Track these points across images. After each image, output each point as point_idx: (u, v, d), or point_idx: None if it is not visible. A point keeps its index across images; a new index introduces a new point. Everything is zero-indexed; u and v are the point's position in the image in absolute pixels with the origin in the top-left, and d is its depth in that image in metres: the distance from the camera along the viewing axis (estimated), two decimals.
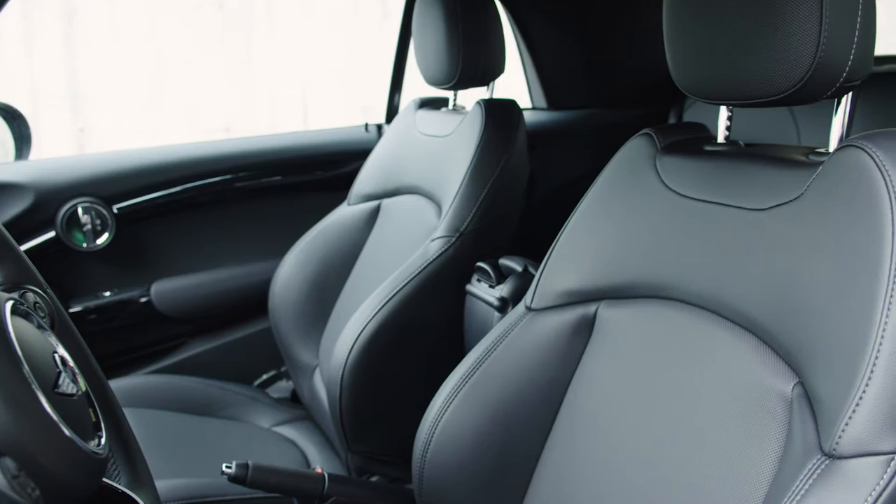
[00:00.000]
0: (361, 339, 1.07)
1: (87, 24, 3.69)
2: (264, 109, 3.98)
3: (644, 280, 0.81)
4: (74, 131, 3.80)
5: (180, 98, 3.75)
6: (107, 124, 3.73)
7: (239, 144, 1.59)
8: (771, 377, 0.66)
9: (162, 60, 3.75)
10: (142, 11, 3.74)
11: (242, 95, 3.90)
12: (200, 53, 3.80)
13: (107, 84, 3.72)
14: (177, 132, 3.55)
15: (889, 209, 0.58)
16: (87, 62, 3.70)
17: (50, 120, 3.68)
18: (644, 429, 0.76)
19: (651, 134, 0.86)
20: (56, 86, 3.70)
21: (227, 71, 3.87)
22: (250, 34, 3.97)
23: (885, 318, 0.56)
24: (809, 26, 0.63)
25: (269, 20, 4.03)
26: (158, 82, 3.74)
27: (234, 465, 0.89)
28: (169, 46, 3.74)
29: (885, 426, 0.54)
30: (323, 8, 4.00)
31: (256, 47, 3.96)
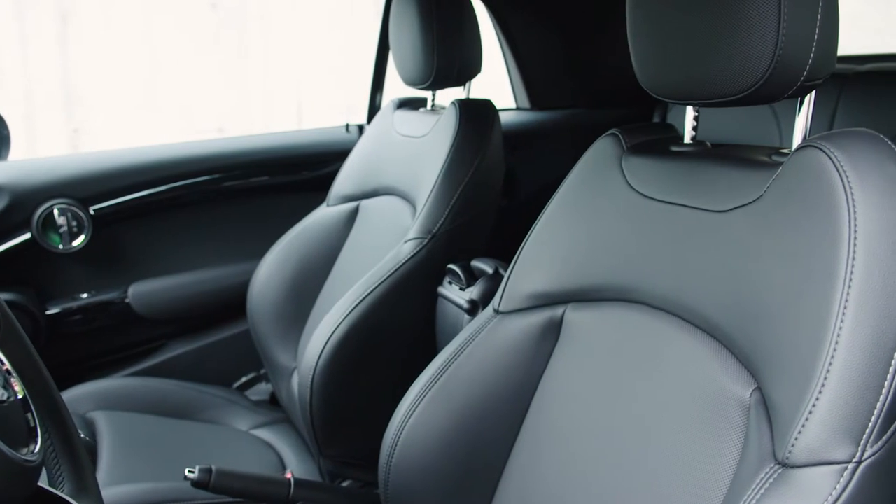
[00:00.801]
0: (332, 342, 1.05)
1: (81, 25, 3.69)
2: (259, 110, 3.97)
3: (610, 283, 0.80)
4: (69, 132, 3.79)
5: (175, 98, 3.75)
6: (101, 125, 3.73)
7: (218, 145, 1.58)
8: (730, 383, 0.65)
9: (156, 61, 3.75)
10: (136, 12, 3.74)
11: (237, 96, 3.90)
12: (195, 54, 3.80)
13: (101, 85, 3.72)
14: (171, 132, 3.55)
15: (846, 212, 0.57)
16: (82, 63, 3.70)
17: (44, 120, 3.68)
18: (606, 434, 0.75)
19: (617, 134, 0.85)
20: (50, 86, 3.70)
21: (222, 71, 3.87)
22: (244, 34, 3.97)
23: (839, 323, 0.54)
24: (768, 25, 0.61)
25: (264, 20, 4.03)
26: (153, 83, 3.74)
27: (198, 469, 0.88)
28: (163, 47, 3.74)
29: (838, 435, 0.52)
30: (318, 7, 4.00)
31: (251, 47, 3.96)
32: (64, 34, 3.68)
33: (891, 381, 0.53)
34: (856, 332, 0.54)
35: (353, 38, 3.80)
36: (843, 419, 0.53)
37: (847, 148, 0.60)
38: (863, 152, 0.60)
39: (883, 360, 0.53)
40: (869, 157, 0.59)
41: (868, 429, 0.52)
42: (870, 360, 0.53)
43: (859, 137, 0.62)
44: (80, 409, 1.31)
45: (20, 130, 3.68)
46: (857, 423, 0.52)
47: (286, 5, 4.00)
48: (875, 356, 0.53)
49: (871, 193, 0.57)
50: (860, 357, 0.53)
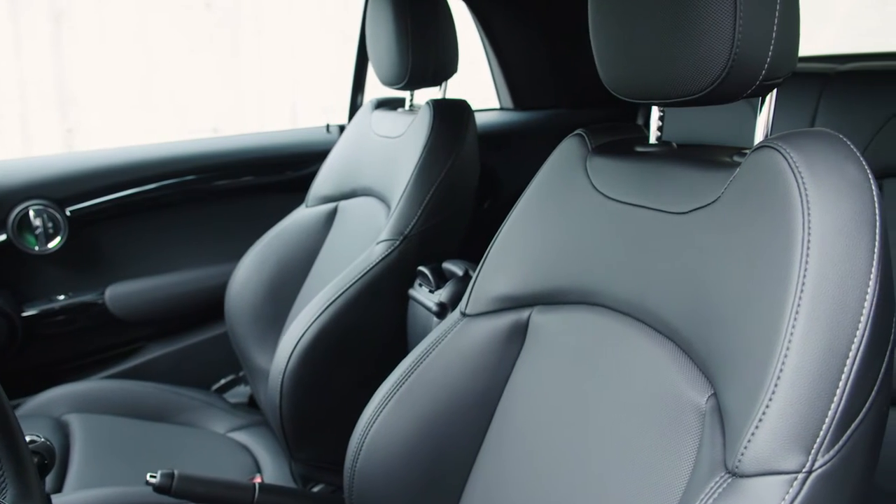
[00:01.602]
0: (301, 344, 1.04)
1: (75, 25, 3.68)
2: (253, 110, 3.97)
3: (574, 286, 0.79)
4: (62, 132, 3.79)
5: (169, 98, 3.74)
6: (95, 125, 3.72)
7: (196, 146, 1.57)
8: (688, 388, 0.64)
9: (151, 61, 3.75)
10: (130, 12, 3.73)
11: (231, 96, 3.89)
12: (189, 54, 3.79)
13: (95, 85, 3.71)
14: (166, 133, 3.54)
15: (800, 213, 0.56)
16: (76, 63, 3.69)
17: (38, 121, 3.68)
18: (567, 440, 0.73)
19: (583, 135, 0.83)
20: (44, 87, 3.70)
21: (217, 71, 3.86)
22: (239, 34, 3.96)
23: (790, 328, 0.53)
24: (724, 25, 0.60)
25: (258, 20, 4.02)
26: (147, 83, 3.73)
27: (159, 474, 0.87)
28: (158, 47, 3.74)
29: (787, 444, 0.51)
30: (312, 8, 3.99)
31: (245, 47, 3.95)
32: (58, 34, 3.67)
33: (843, 389, 0.51)
34: (808, 337, 0.52)
35: (347, 39, 3.80)
36: (793, 427, 0.51)
37: (803, 148, 0.59)
38: (820, 153, 0.58)
39: (835, 367, 0.52)
40: (826, 157, 0.58)
41: (819, 437, 0.51)
42: (822, 366, 0.52)
43: (817, 137, 0.60)
44: (54, 411, 1.30)
45: (14, 131, 3.68)
46: (808, 432, 0.51)
47: (281, 5, 3.99)
48: (827, 362, 0.52)
49: (826, 195, 0.56)
50: (812, 363, 0.52)
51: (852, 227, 0.54)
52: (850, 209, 0.55)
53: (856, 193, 0.56)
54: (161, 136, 1.68)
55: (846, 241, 0.54)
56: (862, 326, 0.52)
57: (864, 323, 0.52)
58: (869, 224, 0.55)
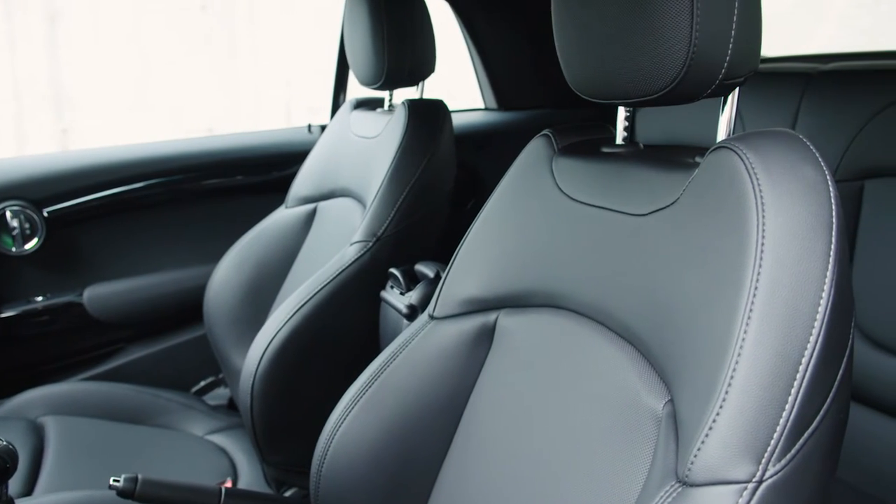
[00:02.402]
0: (272, 347, 1.03)
1: (70, 26, 3.68)
2: (248, 110, 3.96)
3: (539, 288, 0.77)
4: (57, 132, 3.79)
5: (164, 99, 3.74)
6: (91, 125, 3.72)
7: (176, 146, 1.56)
8: (646, 393, 0.62)
9: (146, 61, 3.74)
10: (126, 12, 3.73)
11: (227, 96, 3.89)
12: (185, 54, 3.79)
13: (90, 85, 3.71)
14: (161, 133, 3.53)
15: (755, 215, 0.54)
16: (71, 63, 3.69)
17: (33, 121, 3.67)
18: (529, 446, 0.72)
19: (549, 135, 0.82)
20: (39, 87, 3.69)
21: (212, 72, 3.86)
22: (234, 35, 3.96)
23: (742, 334, 0.52)
24: (681, 24, 0.59)
25: (253, 21, 4.02)
26: (142, 83, 3.73)
27: (123, 478, 0.85)
28: (153, 47, 3.73)
29: (737, 453, 0.50)
30: (307, 8, 3.98)
31: (240, 48, 3.95)
32: (52, 34, 3.67)
33: (795, 396, 0.50)
34: (759, 343, 0.51)
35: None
36: (743, 436, 0.50)
37: (760, 149, 0.58)
38: (777, 153, 0.57)
39: (787, 374, 0.50)
40: (783, 158, 0.57)
41: (770, 447, 0.49)
42: (773, 373, 0.50)
43: (775, 138, 0.59)
44: (30, 413, 1.29)
45: (9, 131, 3.68)
46: (759, 441, 0.50)
47: (276, 6, 3.99)
48: (779, 370, 0.50)
49: (782, 197, 0.54)
50: (763, 370, 0.51)
51: (807, 230, 0.53)
52: (805, 211, 0.54)
53: (812, 195, 0.54)
54: (156, 137, 1.68)
55: (801, 244, 0.53)
56: (815, 332, 0.51)
57: (817, 328, 0.51)
58: (825, 226, 0.53)
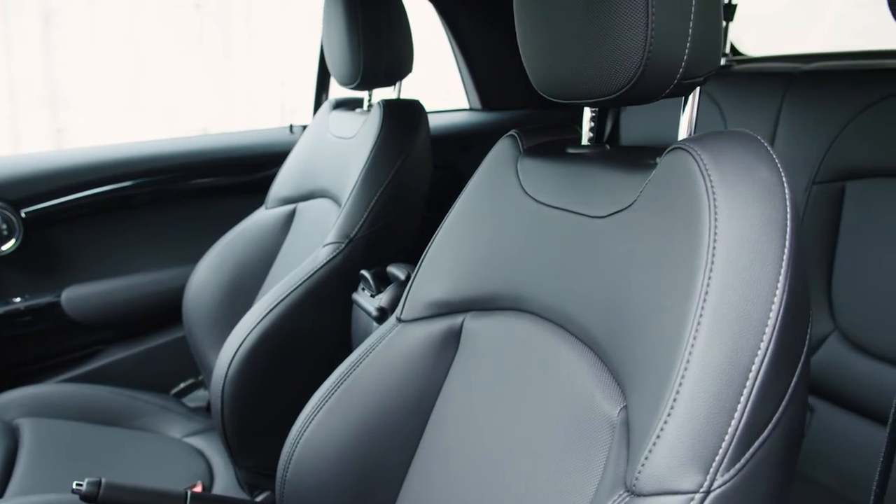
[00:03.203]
0: (243, 349, 1.02)
1: (65, 25, 3.68)
2: (243, 110, 3.96)
3: (504, 291, 0.76)
4: (52, 132, 3.79)
5: (159, 98, 3.74)
6: (86, 125, 3.72)
7: (157, 146, 1.54)
8: (602, 399, 0.61)
9: (141, 61, 3.74)
10: (120, 12, 3.73)
11: (221, 96, 3.89)
12: (179, 54, 3.79)
13: (85, 85, 3.71)
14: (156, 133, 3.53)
15: (707, 217, 0.53)
16: (66, 63, 3.69)
17: (28, 121, 3.67)
18: (491, 451, 0.71)
19: (515, 136, 0.81)
20: (34, 87, 3.69)
21: (207, 71, 3.86)
22: (229, 34, 3.96)
23: (691, 340, 0.50)
24: (636, 24, 0.58)
25: (248, 20, 4.01)
26: (137, 83, 3.73)
27: (86, 482, 0.85)
28: (148, 47, 3.73)
29: (685, 462, 0.48)
30: (302, 8, 3.98)
31: (235, 47, 3.95)
32: (47, 34, 3.67)
33: (745, 404, 0.49)
34: (709, 349, 0.50)
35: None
36: (691, 445, 0.49)
37: (715, 149, 0.56)
38: (732, 154, 0.56)
39: (737, 382, 0.49)
40: (738, 159, 0.55)
41: (718, 456, 0.48)
42: (722, 380, 0.49)
43: (731, 138, 0.58)
44: (6, 415, 1.28)
45: (4, 130, 3.68)
46: (707, 450, 0.48)
47: (270, 5, 3.99)
48: (728, 376, 0.49)
49: (735, 199, 0.53)
50: (712, 377, 0.49)
51: (760, 233, 0.52)
52: (759, 214, 0.53)
53: (766, 197, 0.53)
54: (150, 137, 1.67)
55: (753, 248, 0.52)
56: (766, 338, 0.50)
57: (768, 334, 0.50)
58: (779, 230, 0.52)
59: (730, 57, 1.50)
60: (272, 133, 1.64)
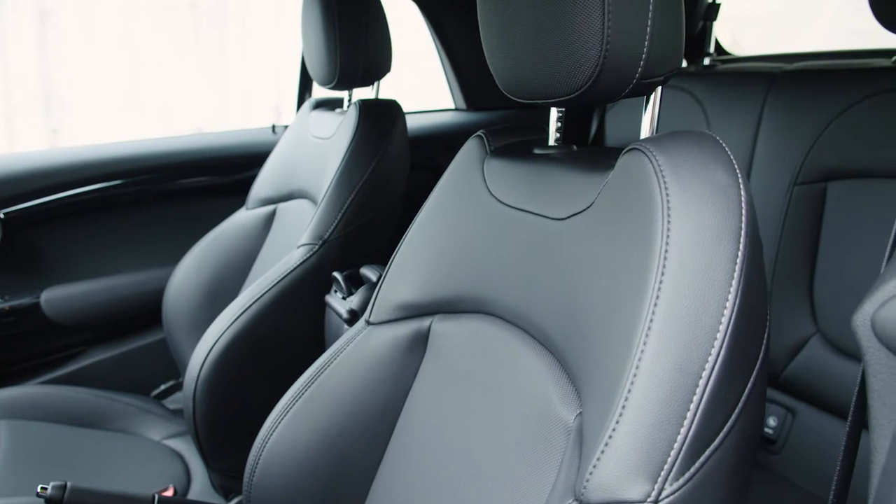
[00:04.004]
0: (214, 352, 1.01)
1: (60, 25, 3.68)
2: (238, 110, 3.95)
3: (470, 294, 0.75)
4: (48, 132, 3.78)
5: (154, 98, 3.73)
6: (81, 125, 3.72)
7: (139, 147, 1.53)
8: (560, 404, 0.60)
9: (136, 61, 3.74)
10: (115, 12, 3.73)
11: (217, 96, 3.88)
12: (175, 54, 3.78)
13: (81, 85, 3.71)
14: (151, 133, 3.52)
15: (660, 220, 0.52)
16: (61, 63, 3.69)
17: (23, 121, 3.67)
18: (455, 455, 0.70)
19: (482, 136, 0.80)
20: (29, 86, 3.69)
21: (202, 71, 3.86)
22: (224, 34, 3.96)
23: (641, 346, 0.49)
24: (592, 21, 0.57)
25: (243, 20, 4.01)
26: (133, 82, 3.73)
27: (51, 486, 0.84)
28: (143, 47, 3.73)
29: (633, 471, 0.47)
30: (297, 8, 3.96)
31: (230, 47, 3.95)
32: (43, 34, 3.67)
33: (694, 412, 0.48)
34: (659, 355, 0.49)
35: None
36: (639, 453, 0.47)
37: (671, 150, 0.55)
38: (687, 155, 0.55)
39: (686, 388, 0.48)
40: (693, 160, 0.54)
41: (667, 465, 0.47)
42: (672, 387, 0.48)
43: (688, 139, 0.56)
44: None
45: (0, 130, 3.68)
46: (655, 458, 0.47)
47: (265, 5, 3.98)
48: (678, 383, 0.48)
49: (689, 201, 0.52)
50: (661, 384, 0.48)
51: (713, 237, 0.51)
52: (712, 217, 0.51)
53: (720, 200, 0.52)
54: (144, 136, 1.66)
55: (706, 252, 0.50)
56: (718, 344, 0.49)
57: (720, 340, 0.49)
58: (732, 233, 0.51)
59: (714, 57, 1.49)
60: (254, 133, 1.63)
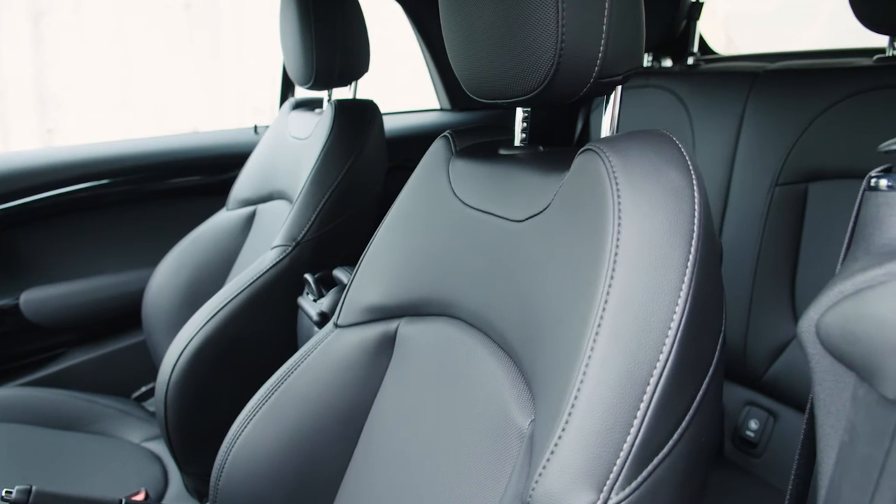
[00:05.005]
0: (185, 355, 1.00)
1: (55, 26, 3.68)
2: (232, 110, 3.95)
3: (435, 297, 0.74)
4: (42, 132, 3.78)
5: (149, 99, 3.73)
6: (75, 125, 3.71)
7: (120, 147, 1.52)
8: (516, 410, 0.59)
9: (130, 61, 3.74)
10: (110, 12, 3.73)
11: (211, 96, 3.88)
12: (169, 54, 3.78)
13: (75, 85, 3.70)
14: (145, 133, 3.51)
15: (611, 222, 0.51)
16: (56, 63, 3.69)
17: (18, 121, 3.67)
18: (417, 461, 0.69)
19: (448, 137, 0.79)
20: (24, 87, 3.69)
21: (197, 71, 3.85)
22: (218, 35, 3.95)
23: (589, 351, 0.48)
24: (546, 19, 0.56)
25: (238, 21, 4.00)
26: (127, 83, 3.72)
27: (15, 490, 0.83)
28: (137, 47, 3.73)
29: (578, 479, 0.46)
30: None
31: (225, 47, 3.94)
32: (37, 34, 3.66)
33: (641, 420, 0.46)
34: (606, 361, 0.48)
35: None
36: (584, 461, 0.46)
37: (624, 151, 0.54)
38: (640, 156, 0.53)
39: (633, 395, 0.47)
40: (646, 161, 0.53)
41: (613, 473, 0.46)
42: (618, 393, 0.47)
43: (643, 139, 0.55)
44: None
45: None
46: (601, 467, 0.46)
47: (260, 5, 3.97)
48: (625, 389, 0.47)
49: (640, 203, 0.51)
50: (608, 390, 0.47)
51: (664, 239, 0.50)
52: (664, 219, 0.50)
53: (673, 202, 0.51)
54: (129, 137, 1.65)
55: (656, 254, 0.49)
56: (666, 349, 0.47)
57: (668, 345, 0.47)
58: (684, 235, 0.50)
59: (698, 56, 1.47)
60: (236, 134, 1.62)
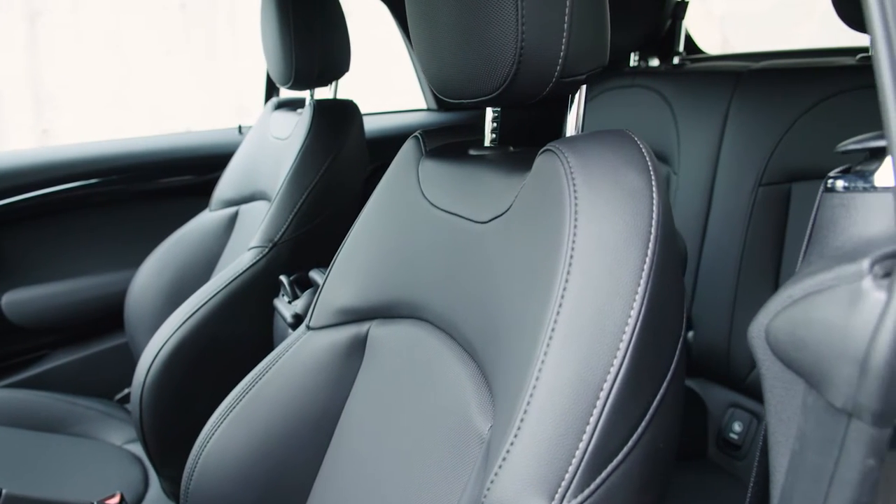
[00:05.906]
0: (161, 357, 0.99)
1: (51, 26, 3.67)
2: (228, 109, 3.94)
3: (405, 299, 0.73)
4: (38, 132, 3.78)
5: (144, 98, 3.73)
6: (71, 125, 3.71)
7: (104, 147, 1.51)
8: (477, 414, 0.58)
9: (126, 61, 3.74)
10: (106, 11, 3.72)
11: (206, 96, 3.87)
12: (165, 54, 3.78)
13: (71, 85, 3.70)
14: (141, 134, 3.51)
15: (567, 224, 0.50)
16: (52, 63, 3.68)
17: (14, 121, 3.67)
18: (383, 464, 0.68)
19: (418, 137, 0.78)
20: (20, 87, 3.69)
21: (192, 71, 3.85)
22: (214, 34, 3.95)
23: (543, 355, 0.47)
24: (506, 18, 0.55)
25: (233, 20, 4.00)
26: (123, 83, 3.72)
27: None
28: (133, 47, 3.72)
29: (530, 486, 0.45)
30: None
31: (220, 47, 3.94)
32: (33, 34, 3.66)
33: (594, 425, 0.45)
34: (559, 365, 0.47)
35: None
36: (536, 468, 0.45)
37: (584, 151, 0.53)
38: (600, 157, 0.53)
39: (586, 400, 0.46)
40: (605, 162, 0.52)
41: (565, 480, 0.45)
42: (571, 399, 0.46)
43: (603, 139, 0.54)
44: None
45: None
46: (553, 474, 0.45)
47: (255, 6, 3.96)
48: (578, 394, 0.46)
49: (597, 204, 0.50)
50: (561, 395, 0.46)
51: (620, 241, 0.49)
52: (620, 221, 0.49)
53: (630, 203, 0.50)
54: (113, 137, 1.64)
55: (612, 257, 0.48)
56: (620, 354, 0.47)
57: (623, 349, 0.47)
58: (641, 237, 0.49)
59: (683, 56, 1.46)
60: (220, 134, 1.61)
